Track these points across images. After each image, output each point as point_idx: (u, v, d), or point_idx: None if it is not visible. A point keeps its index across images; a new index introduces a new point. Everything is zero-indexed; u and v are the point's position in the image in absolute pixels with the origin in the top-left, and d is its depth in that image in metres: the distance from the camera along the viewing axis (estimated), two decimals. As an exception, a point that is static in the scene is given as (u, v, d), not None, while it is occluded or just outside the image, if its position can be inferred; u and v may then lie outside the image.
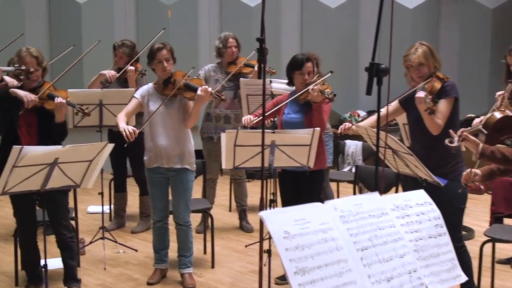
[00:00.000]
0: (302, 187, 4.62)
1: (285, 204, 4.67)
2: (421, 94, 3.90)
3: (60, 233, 4.33)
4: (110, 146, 3.72)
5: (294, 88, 4.73)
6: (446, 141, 3.39)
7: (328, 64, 5.66)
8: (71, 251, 4.40)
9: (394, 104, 4.24)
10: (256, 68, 5.90)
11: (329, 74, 4.73)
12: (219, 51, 6.03)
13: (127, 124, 4.45)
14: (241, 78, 5.81)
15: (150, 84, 4.69)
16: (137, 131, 4.28)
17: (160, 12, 8.82)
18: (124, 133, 4.24)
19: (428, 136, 3.97)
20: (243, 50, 6.10)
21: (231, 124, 5.98)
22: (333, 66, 5.05)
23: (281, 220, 1.97)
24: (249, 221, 6.28)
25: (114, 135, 5.72)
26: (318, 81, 4.57)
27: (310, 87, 4.48)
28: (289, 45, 9.27)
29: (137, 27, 8.90)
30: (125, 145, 4.31)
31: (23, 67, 4.20)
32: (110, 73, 5.73)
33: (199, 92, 4.43)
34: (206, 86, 4.48)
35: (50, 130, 4.22)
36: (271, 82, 5.64)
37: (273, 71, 5.89)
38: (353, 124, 4.34)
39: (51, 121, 4.23)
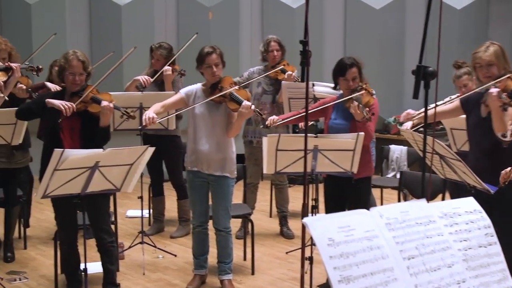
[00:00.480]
0: (347, 194, 4.59)
1: (329, 210, 4.65)
2: (494, 91, 3.77)
3: (100, 237, 4.39)
4: (151, 150, 3.75)
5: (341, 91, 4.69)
6: (499, 134, 3.31)
7: (372, 67, 5.64)
8: (111, 256, 4.46)
9: (454, 104, 4.15)
10: (286, 75, 5.87)
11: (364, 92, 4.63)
12: (263, 55, 6.06)
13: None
14: (283, 82, 5.81)
15: (199, 85, 4.70)
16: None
17: (200, 14, 8.89)
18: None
19: (490, 140, 3.84)
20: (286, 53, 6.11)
21: (269, 128, 5.98)
22: (377, 69, 5.03)
23: (325, 227, 1.96)
24: (290, 227, 6.27)
25: (148, 138, 5.79)
26: (359, 93, 4.47)
27: (354, 95, 4.43)
28: (332, 48, 9.24)
29: (177, 29, 8.99)
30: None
31: (33, 66, 4.58)
32: (144, 77, 5.80)
33: (241, 108, 4.44)
34: (249, 103, 4.47)
35: (93, 134, 4.29)
36: (313, 85, 5.63)
37: (298, 79, 5.87)
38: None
39: (94, 125, 4.29)
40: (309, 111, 4.61)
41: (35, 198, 4.68)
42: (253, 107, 4.47)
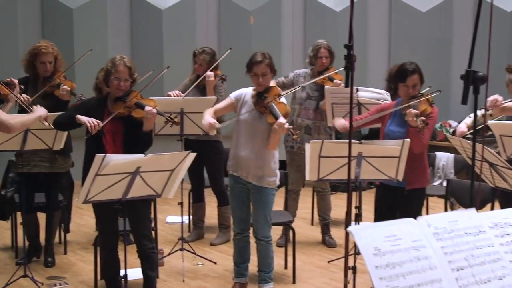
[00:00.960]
0: (400, 204, 4.53)
1: (378, 219, 4.61)
2: None
3: (141, 243, 4.44)
4: (192, 155, 3.78)
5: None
6: None
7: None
8: (151, 262, 4.49)
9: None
10: (334, 84, 5.85)
11: (436, 93, 4.57)
12: (310, 60, 6.05)
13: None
14: (326, 87, 5.80)
15: (250, 89, 4.73)
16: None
17: (242, 18, 8.93)
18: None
19: None
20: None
21: (311, 135, 5.97)
22: (423, 73, 4.96)
23: (371, 236, 1.95)
24: (332, 236, 6.24)
25: (190, 144, 5.83)
26: (416, 101, 4.42)
27: (412, 102, 4.39)
28: (376, 52, 9.20)
29: (218, 33, 9.05)
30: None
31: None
32: (175, 92, 5.85)
33: (275, 125, 4.45)
34: (284, 120, 4.46)
35: (136, 139, 4.34)
36: (357, 90, 5.60)
37: (342, 84, 5.84)
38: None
39: (137, 129, 4.34)
40: (369, 119, 4.60)
41: (76, 203, 4.75)
42: (286, 125, 4.46)
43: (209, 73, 5.80)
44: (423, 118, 4.35)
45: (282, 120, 4.47)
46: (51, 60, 5.32)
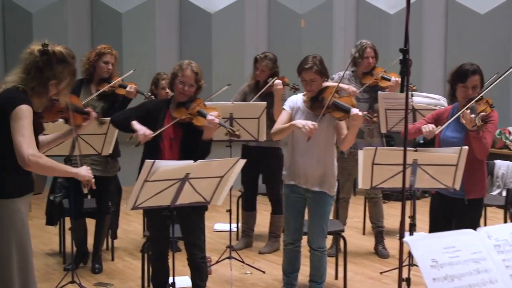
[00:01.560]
0: (456, 214, 4.46)
1: (433, 229, 4.55)
2: None
3: (192, 253, 4.46)
4: (242, 162, 3.80)
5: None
6: None
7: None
8: (201, 272, 4.51)
9: None
10: (392, 82, 5.81)
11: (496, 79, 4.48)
12: (355, 60, 6.00)
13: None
14: (379, 92, 5.75)
15: (300, 96, 4.73)
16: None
17: (292, 21, 8.95)
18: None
19: None
20: (379, 60, 6.05)
21: (363, 139, 5.93)
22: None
23: (429, 247, 1.93)
24: (385, 246, 6.17)
25: (249, 150, 5.85)
26: (475, 102, 4.32)
27: (469, 104, 4.30)
28: (431, 56, 9.10)
29: (268, 37, 9.08)
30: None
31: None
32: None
33: (352, 117, 4.37)
34: (357, 110, 4.42)
35: (193, 147, 4.35)
36: (412, 95, 5.54)
37: (414, 87, 5.78)
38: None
39: (196, 137, 4.36)
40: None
41: (124, 209, 4.82)
42: (360, 113, 4.38)
43: (277, 81, 5.77)
44: (483, 113, 4.22)
45: (355, 110, 4.40)
46: (113, 61, 5.54)
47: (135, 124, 4.36)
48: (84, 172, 3.52)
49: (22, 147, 3.14)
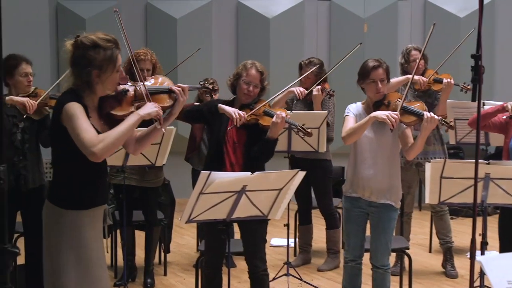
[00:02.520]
0: None
1: (504, 248, 4.44)
2: None
3: (255, 265, 4.46)
4: (301, 174, 3.77)
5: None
6: None
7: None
8: (263, 285, 4.49)
9: None
10: (444, 84, 5.68)
11: None
12: (403, 68, 5.95)
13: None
14: (448, 101, 5.66)
15: (359, 103, 4.67)
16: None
17: (355, 26, 8.91)
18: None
19: None
20: (450, 64, 5.93)
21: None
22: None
23: (505, 268, 1.88)
24: (454, 265, 6.05)
25: (296, 161, 5.83)
26: None
27: None
28: (505, 62, 8.92)
29: (329, 43, 9.07)
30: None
31: (209, 85, 4.42)
32: (299, 89, 5.80)
33: (425, 120, 4.29)
34: (430, 113, 4.34)
35: (257, 149, 4.37)
36: (484, 104, 5.43)
37: (468, 87, 5.66)
38: None
39: (260, 139, 4.36)
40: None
41: (179, 223, 4.85)
42: (435, 116, 4.30)
43: (316, 87, 5.78)
44: None
45: (429, 113, 4.32)
46: (149, 67, 5.45)
47: (225, 107, 4.35)
48: (150, 109, 3.36)
49: (82, 145, 3.14)
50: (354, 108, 4.63)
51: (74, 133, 3.16)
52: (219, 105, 4.40)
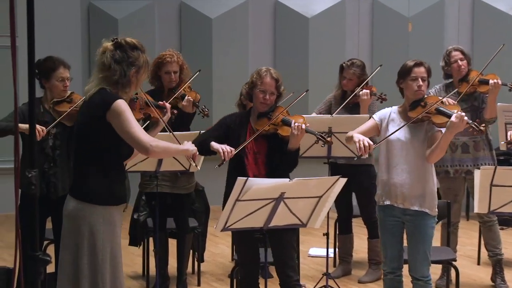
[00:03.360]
0: None
1: None
2: None
3: (285, 274, 4.44)
4: (342, 181, 3.76)
5: None
6: None
7: None
8: (295, 295, 4.50)
9: None
10: (490, 85, 5.59)
11: None
12: (444, 71, 5.89)
13: None
14: (499, 104, 5.57)
15: (395, 108, 4.66)
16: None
17: (399, 25, 8.87)
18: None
19: None
20: (496, 63, 5.84)
21: (470, 153, 5.77)
22: None
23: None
24: (504, 279, 5.95)
25: (337, 167, 5.80)
26: None
27: None
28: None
29: (371, 42, 9.03)
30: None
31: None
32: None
33: (453, 118, 4.28)
34: (462, 113, 4.33)
35: (279, 160, 4.38)
36: (538, 108, 5.35)
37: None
38: None
39: (281, 149, 4.38)
40: None
41: (213, 231, 4.86)
42: (466, 117, 4.28)
43: (364, 91, 5.74)
44: None
45: (459, 113, 4.29)
46: (176, 70, 5.48)
47: (214, 145, 4.40)
48: (191, 146, 3.84)
49: (139, 138, 3.45)
50: (385, 113, 4.63)
51: (125, 128, 3.45)
52: (211, 144, 4.42)
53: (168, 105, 4.76)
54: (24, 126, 4.39)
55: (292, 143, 4.36)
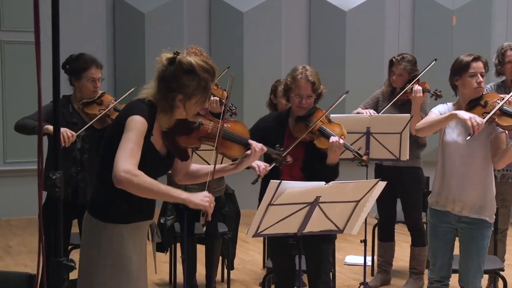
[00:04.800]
0: None
1: None
2: None
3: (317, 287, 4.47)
4: (382, 184, 3.74)
5: None
6: None
7: None
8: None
9: None
10: None
11: None
12: (497, 69, 5.83)
13: None
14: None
15: (450, 104, 4.58)
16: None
17: (443, 18, 8.82)
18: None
19: None
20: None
21: None
22: None
23: None
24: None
25: (382, 170, 5.78)
26: None
27: None
28: None
29: (413, 37, 8.99)
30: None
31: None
32: (370, 112, 5.73)
33: None
34: None
35: (316, 169, 4.35)
36: None
37: None
38: None
39: (319, 158, 4.35)
40: None
41: (244, 236, 4.87)
42: None
43: (416, 87, 5.67)
44: None
45: None
46: None
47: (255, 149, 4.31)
48: (199, 199, 3.37)
49: (117, 162, 3.12)
50: (443, 109, 4.55)
51: (120, 145, 3.17)
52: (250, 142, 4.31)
53: (262, 146, 3.72)
54: (52, 127, 4.48)
55: (331, 158, 4.32)
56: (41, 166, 2.45)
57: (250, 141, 3.67)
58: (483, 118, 4.25)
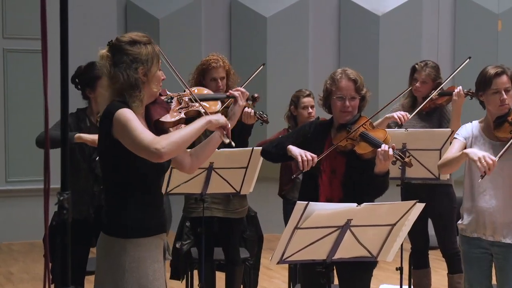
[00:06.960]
0: None
1: None
2: None
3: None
4: (420, 206, 3.71)
5: None
6: None
7: None
8: None
9: None
10: None
11: None
12: None
13: None
14: None
15: (475, 123, 4.61)
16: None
17: (487, 23, 8.80)
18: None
19: None
20: None
21: None
22: None
23: None
24: None
25: (412, 188, 5.73)
26: None
27: None
28: None
29: (454, 42, 8.98)
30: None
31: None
32: (399, 113, 5.67)
33: None
34: None
35: (360, 181, 4.32)
36: None
37: None
38: None
39: (364, 169, 4.30)
40: None
41: (267, 263, 4.86)
42: None
43: (457, 90, 5.60)
44: None
45: None
46: (223, 75, 5.50)
47: (293, 150, 4.31)
48: (215, 117, 3.61)
49: (142, 145, 3.30)
50: (467, 130, 4.56)
51: (130, 138, 3.33)
52: (288, 147, 4.34)
53: (237, 92, 4.30)
54: (87, 136, 4.70)
55: (379, 167, 4.23)
56: (47, 186, 2.46)
57: (230, 91, 4.28)
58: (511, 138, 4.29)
